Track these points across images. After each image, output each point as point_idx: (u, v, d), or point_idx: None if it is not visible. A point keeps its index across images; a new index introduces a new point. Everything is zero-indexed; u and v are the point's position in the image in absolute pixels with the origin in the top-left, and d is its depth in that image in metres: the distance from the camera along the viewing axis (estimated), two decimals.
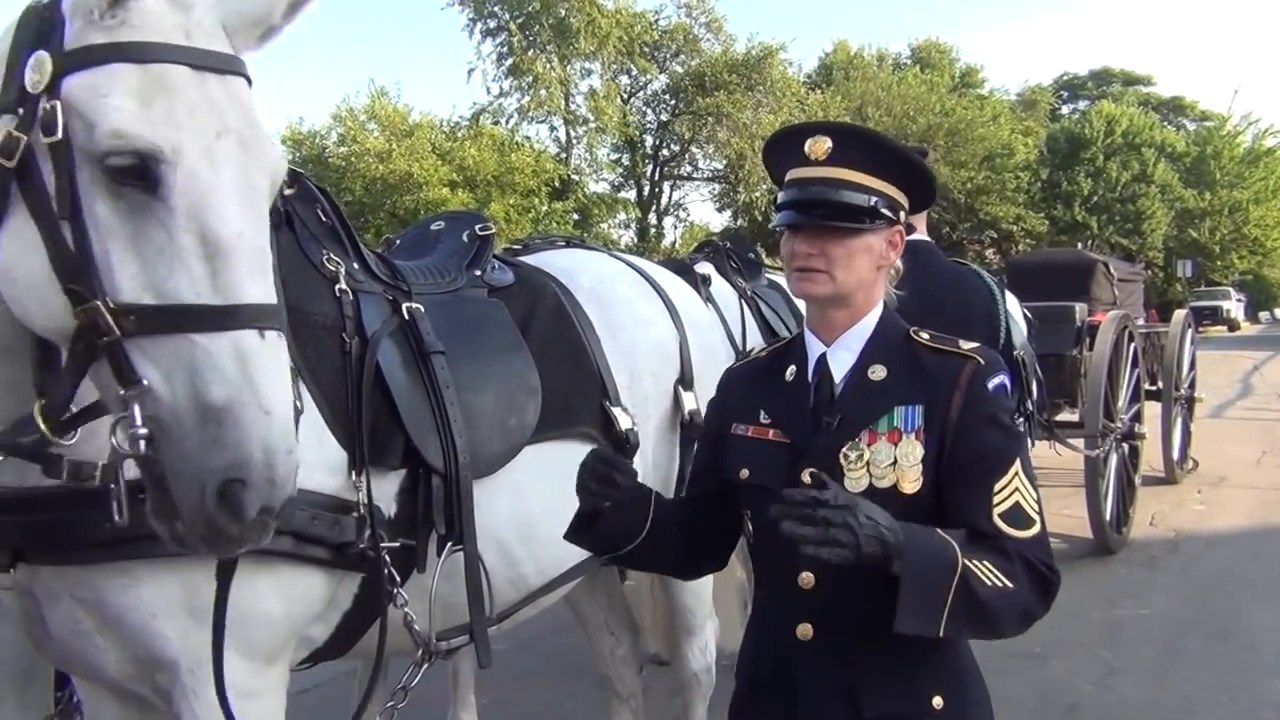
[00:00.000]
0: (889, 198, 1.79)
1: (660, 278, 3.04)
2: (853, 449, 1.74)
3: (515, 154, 26.78)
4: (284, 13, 1.61)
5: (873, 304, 1.84)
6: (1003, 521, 1.67)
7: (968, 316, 3.32)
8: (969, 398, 1.72)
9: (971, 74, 46.47)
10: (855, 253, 1.77)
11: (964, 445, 1.71)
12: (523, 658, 4.93)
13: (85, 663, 1.81)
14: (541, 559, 2.40)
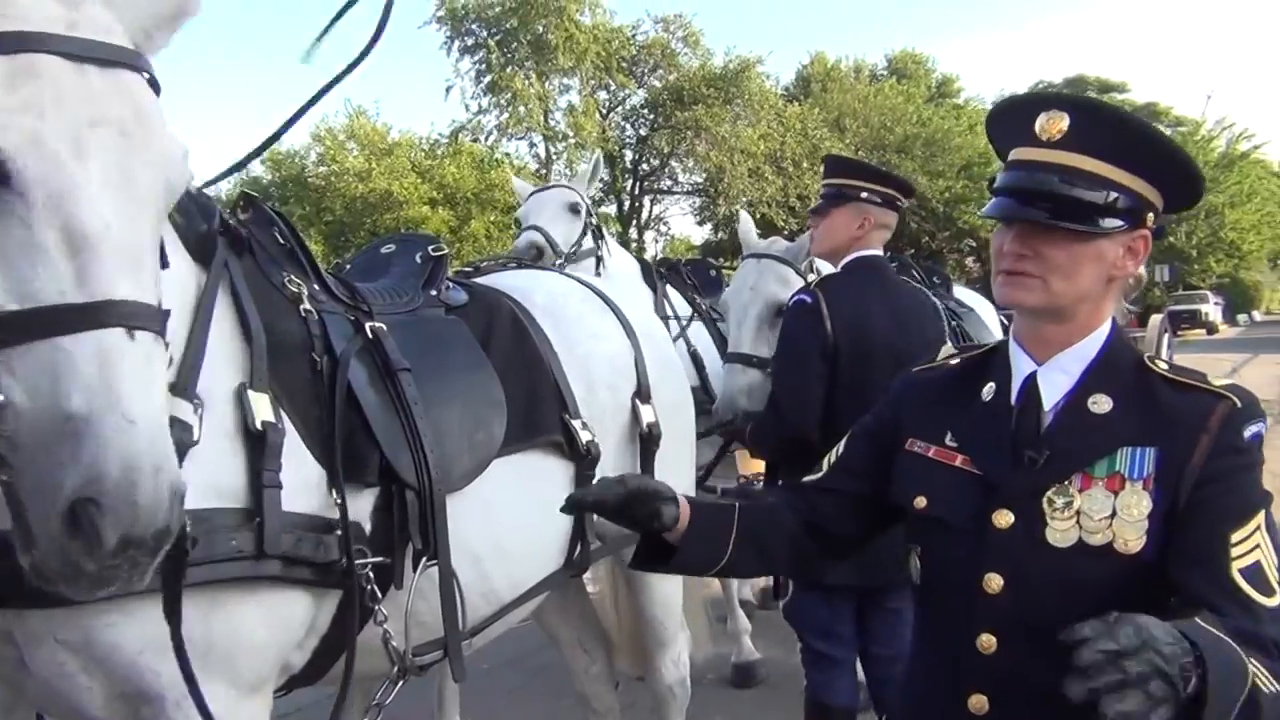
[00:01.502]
0: (1135, 194, 1.48)
1: (613, 294, 3.07)
2: (1060, 494, 1.46)
3: (495, 171, 26.84)
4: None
5: (1100, 320, 1.54)
6: (1243, 579, 1.35)
7: (926, 342, 3.35)
8: (1218, 444, 1.42)
9: (948, 83, 46.84)
10: (1080, 259, 1.48)
11: (1205, 501, 1.40)
12: (507, 676, 4.94)
13: (69, 703, 1.77)
14: (512, 571, 2.42)
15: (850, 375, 3.00)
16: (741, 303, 3.70)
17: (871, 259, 3.21)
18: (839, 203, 3.19)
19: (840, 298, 3.05)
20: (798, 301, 3.13)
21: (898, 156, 35.83)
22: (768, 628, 5.18)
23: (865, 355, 3.02)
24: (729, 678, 4.88)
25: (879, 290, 3.18)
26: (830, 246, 3.23)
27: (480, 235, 25.56)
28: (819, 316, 3.01)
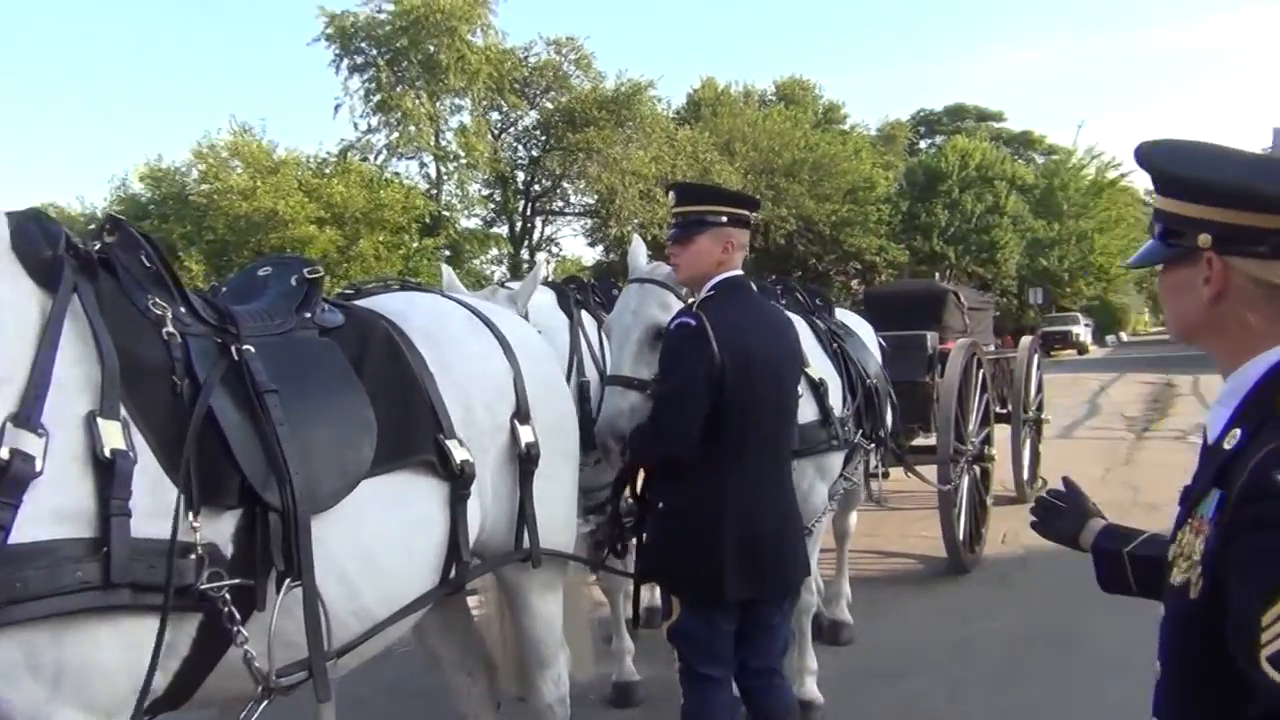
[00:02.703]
0: (1181, 218, 1.48)
1: (494, 315, 3.09)
2: (1182, 534, 1.45)
3: (384, 190, 26.52)
4: None
5: (1247, 351, 1.45)
6: (1272, 667, 1.20)
7: (791, 353, 3.46)
8: (1246, 486, 1.30)
9: (833, 110, 47.97)
10: (1171, 290, 1.52)
11: (1231, 553, 1.30)
12: (385, 701, 4.89)
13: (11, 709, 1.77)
14: (385, 589, 2.42)
15: (737, 392, 3.08)
16: (624, 326, 3.76)
17: (737, 279, 3.30)
18: (700, 229, 3.26)
19: (720, 319, 3.12)
20: (681, 324, 3.17)
21: (786, 180, 36.55)
22: (652, 647, 5.22)
23: (747, 371, 3.11)
24: (609, 697, 4.91)
25: (748, 308, 3.28)
26: (697, 272, 3.29)
27: (369, 255, 25.22)
28: (705, 338, 3.07)
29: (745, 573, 3.11)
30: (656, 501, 3.30)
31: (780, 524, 3.27)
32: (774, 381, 3.24)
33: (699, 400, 3.06)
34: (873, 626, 5.87)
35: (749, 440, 3.15)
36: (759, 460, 3.20)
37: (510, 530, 2.91)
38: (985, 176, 42.62)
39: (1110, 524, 2.03)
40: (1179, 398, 19.72)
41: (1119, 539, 1.94)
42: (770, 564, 3.20)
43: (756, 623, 3.23)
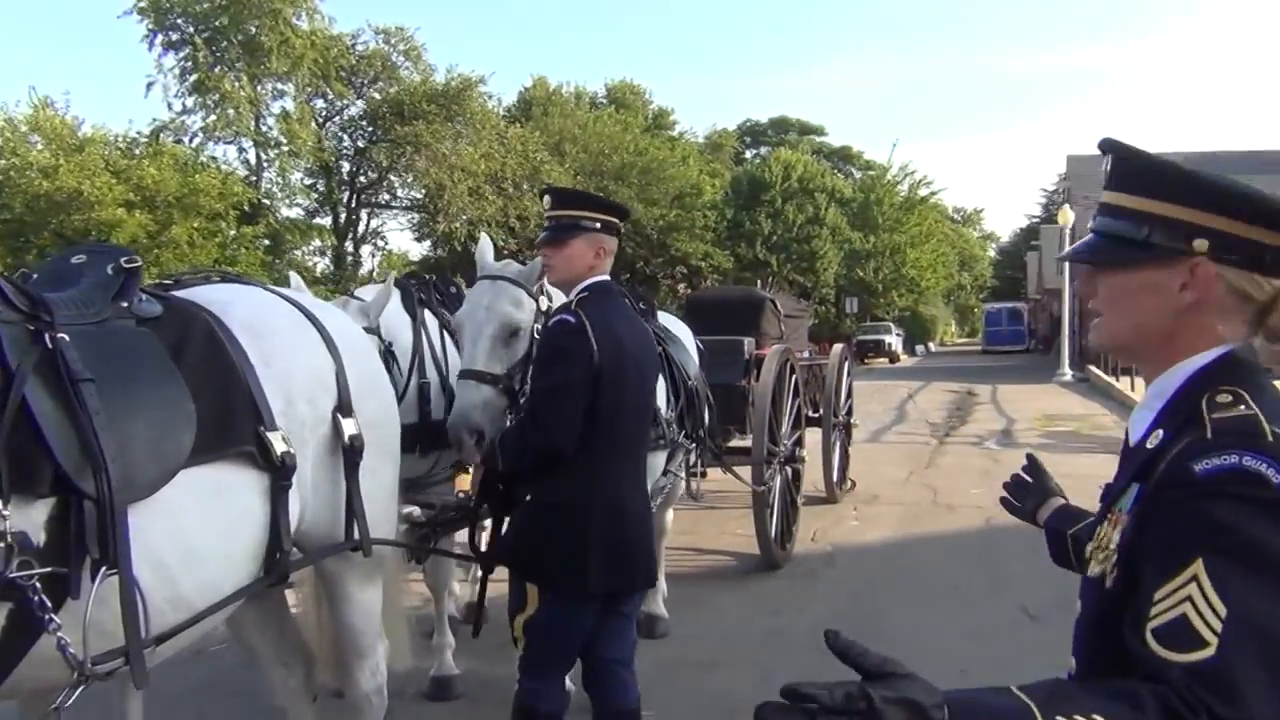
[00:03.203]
0: (1174, 222, 1.42)
1: (317, 310, 3.10)
2: (1101, 530, 1.48)
3: (200, 175, 25.39)
4: None
5: (1179, 354, 1.46)
6: (1155, 640, 1.25)
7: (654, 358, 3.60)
8: (1163, 475, 1.34)
9: (663, 116, 48.76)
10: (1126, 293, 1.48)
11: (1143, 539, 1.35)
12: (197, 700, 4.78)
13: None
14: (203, 578, 2.41)
15: (609, 391, 3.17)
16: (477, 321, 3.79)
17: (606, 283, 3.39)
18: (575, 233, 3.33)
19: (597, 319, 3.20)
20: (561, 321, 3.22)
21: (615, 183, 36.87)
22: (470, 642, 5.25)
23: (621, 371, 3.20)
24: (427, 691, 4.92)
25: (618, 311, 3.37)
26: (570, 275, 3.36)
27: (182, 242, 24.10)
28: (585, 335, 3.14)
29: (612, 566, 3.20)
30: (523, 494, 3.34)
31: (642, 519, 3.39)
32: (640, 382, 3.36)
33: (581, 394, 3.13)
34: (688, 619, 6.05)
35: (617, 438, 3.24)
36: (624, 457, 3.31)
37: (332, 521, 2.92)
38: (807, 188, 44.09)
39: (1065, 505, 2.09)
40: (979, 406, 20.90)
41: (1069, 520, 2.00)
42: (636, 557, 3.31)
43: (614, 614, 3.32)
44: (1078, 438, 14.82)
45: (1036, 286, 53.31)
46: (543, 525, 3.24)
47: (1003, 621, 6.00)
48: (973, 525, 8.78)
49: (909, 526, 8.91)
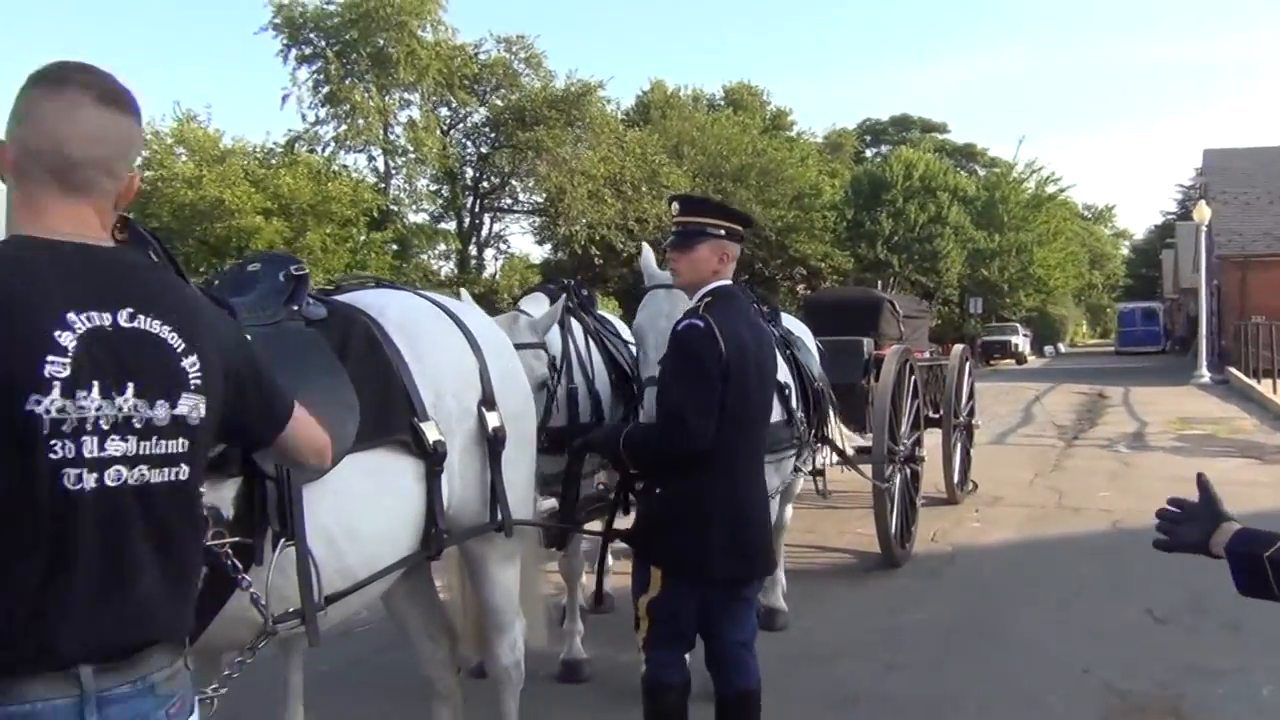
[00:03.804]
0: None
1: (461, 312, 3.36)
2: None
3: (332, 183, 26.36)
4: None
5: None
6: None
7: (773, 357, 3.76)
8: None
9: (781, 116, 48.53)
10: None
11: None
12: (351, 673, 5.14)
13: None
14: (366, 552, 2.67)
15: (735, 390, 3.35)
16: (659, 330, 4.01)
17: (730, 288, 3.56)
18: (701, 239, 3.51)
19: (722, 322, 3.38)
20: (691, 325, 3.38)
21: (733, 185, 36.92)
22: (599, 629, 5.47)
23: (744, 372, 3.38)
24: (557, 674, 5.16)
25: (740, 314, 3.55)
26: (696, 278, 3.54)
27: (316, 248, 25.04)
28: (714, 339, 3.32)
29: (732, 554, 3.39)
30: (653, 486, 3.53)
31: (761, 511, 3.56)
32: (761, 382, 3.52)
33: (716, 396, 3.31)
34: (808, 614, 6.15)
35: (739, 434, 3.40)
36: (745, 453, 3.46)
37: (477, 506, 3.17)
38: (929, 187, 43.37)
39: (1245, 528, 1.97)
40: (1110, 408, 20.35)
41: (1259, 543, 1.90)
42: (755, 546, 3.49)
43: (735, 598, 3.50)
44: (1214, 441, 14.35)
45: (1172, 285, 51.38)
46: (668, 513, 3.43)
47: (1126, 623, 5.93)
48: (1099, 528, 8.66)
49: (1032, 529, 8.81)
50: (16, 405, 1.41)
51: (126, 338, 1.52)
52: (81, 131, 1.58)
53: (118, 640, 1.49)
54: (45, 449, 1.42)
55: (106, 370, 1.48)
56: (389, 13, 28.42)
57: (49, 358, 1.43)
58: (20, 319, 1.43)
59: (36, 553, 1.43)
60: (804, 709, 4.69)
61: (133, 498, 1.52)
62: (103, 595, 1.48)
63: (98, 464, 1.47)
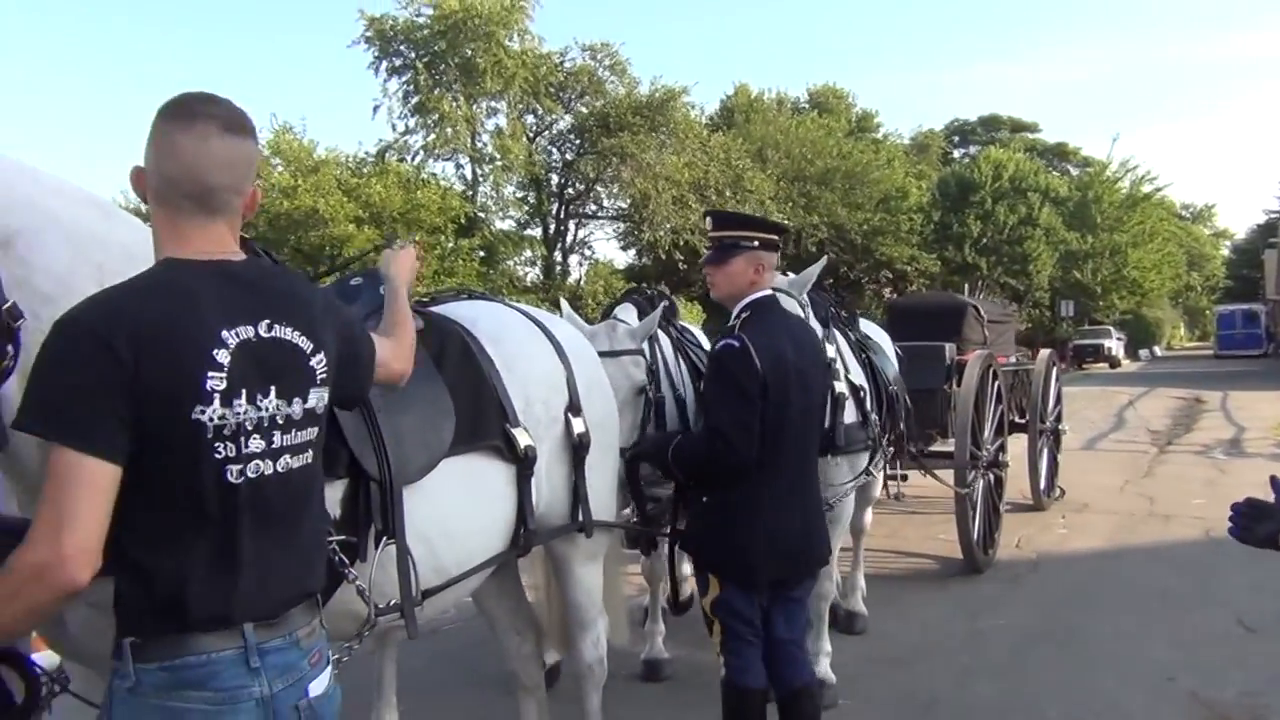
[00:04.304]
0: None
1: (549, 322, 3.54)
2: None
3: (421, 191, 26.90)
4: None
5: None
6: None
7: (817, 360, 3.85)
8: None
9: (867, 119, 48.06)
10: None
11: None
12: (439, 669, 5.35)
13: (95, 652, 2.05)
14: (458, 551, 2.83)
15: (774, 401, 3.47)
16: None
17: (768, 299, 3.68)
18: (735, 253, 3.63)
19: (759, 337, 3.50)
20: (726, 345, 3.53)
21: (818, 188, 36.72)
22: (677, 632, 5.60)
23: (783, 382, 3.49)
24: (639, 673, 5.30)
25: (779, 323, 3.65)
26: (732, 291, 3.67)
27: None
28: (749, 356, 3.44)
29: (776, 558, 3.51)
30: (702, 496, 3.68)
31: (807, 515, 3.65)
32: (803, 389, 3.60)
33: (756, 412, 3.44)
34: (888, 618, 6.20)
35: (782, 443, 3.51)
36: (790, 460, 3.56)
37: (563, 508, 3.33)
38: (1019, 188, 42.56)
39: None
40: (1206, 414, 19.82)
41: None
42: (798, 550, 3.59)
43: (783, 598, 3.61)
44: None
45: (1275, 286, 49.55)
46: (717, 520, 3.57)
47: (1215, 632, 5.86)
48: (1190, 536, 8.50)
49: (1120, 536, 8.70)
50: (185, 414, 1.65)
51: (267, 346, 1.76)
52: (215, 160, 1.78)
53: (270, 603, 1.76)
54: (210, 450, 1.67)
55: (253, 378, 1.72)
56: (477, 24, 28.90)
57: (210, 374, 1.67)
58: (185, 343, 1.66)
59: (207, 534, 1.69)
60: (881, 711, 4.77)
61: (278, 483, 1.77)
62: (258, 566, 1.74)
63: (251, 458, 1.72)
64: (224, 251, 1.80)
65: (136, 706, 1.66)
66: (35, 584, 1.58)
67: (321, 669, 1.86)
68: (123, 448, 1.61)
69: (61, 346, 1.62)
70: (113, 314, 1.64)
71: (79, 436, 1.58)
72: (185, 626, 1.66)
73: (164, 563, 1.66)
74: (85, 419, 1.58)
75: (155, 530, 1.67)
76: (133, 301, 1.67)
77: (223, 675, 1.68)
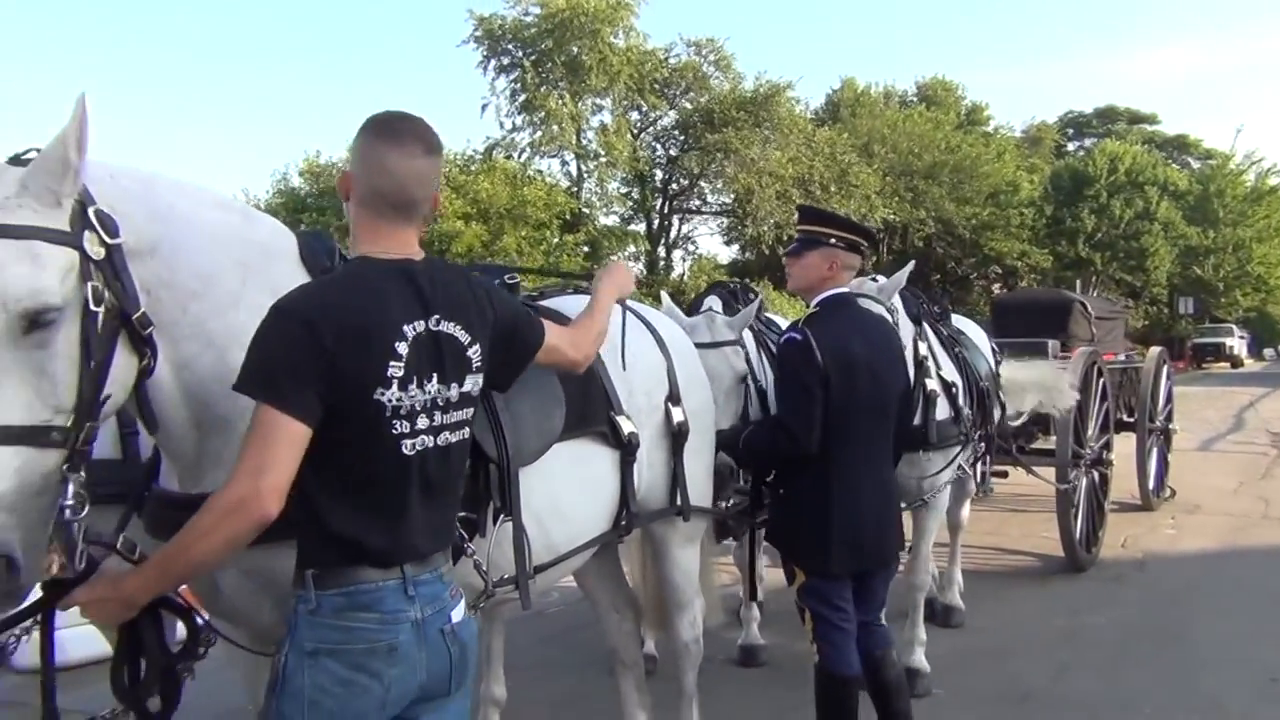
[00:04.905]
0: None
1: (650, 316, 3.71)
2: None
3: (527, 188, 27.35)
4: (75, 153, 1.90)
5: None
6: None
7: (894, 358, 3.91)
8: None
9: (977, 111, 47.15)
10: None
11: None
12: (542, 649, 5.59)
13: (247, 614, 2.35)
14: (567, 530, 3.01)
15: (840, 394, 3.56)
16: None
17: (842, 296, 3.77)
18: (813, 247, 3.75)
19: (824, 331, 3.61)
20: (790, 339, 3.66)
21: (925, 182, 36.23)
22: (771, 620, 5.72)
23: (850, 377, 3.58)
24: (735, 658, 5.45)
25: (852, 320, 3.74)
26: (805, 284, 3.80)
27: (512, 250, 26.07)
28: (810, 350, 3.56)
29: (848, 550, 3.60)
30: (778, 488, 3.82)
31: (878, 508, 3.71)
32: (873, 384, 3.66)
33: (816, 404, 3.54)
34: (986, 613, 6.22)
35: (848, 435, 3.60)
36: (858, 452, 3.64)
37: (662, 492, 3.48)
38: (1136, 181, 41.35)
39: None
40: None
41: None
42: (870, 542, 3.68)
43: (860, 585, 3.72)
44: None
45: None
46: (792, 514, 3.70)
47: None
48: None
49: (1231, 538, 8.51)
50: (370, 395, 1.97)
51: (435, 339, 2.06)
52: (418, 176, 2.09)
53: (423, 547, 2.09)
54: (389, 426, 1.99)
55: (423, 366, 2.03)
56: (583, 21, 29.25)
57: (391, 363, 1.99)
58: (375, 336, 1.98)
59: (381, 492, 2.03)
60: (976, 703, 4.81)
61: (437, 455, 2.09)
62: (417, 519, 2.07)
63: (419, 434, 2.04)
64: (408, 252, 2.10)
65: (317, 625, 1.98)
66: (234, 515, 1.89)
67: (459, 600, 2.16)
68: (316, 414, 1.92)
69: (278, 328, 1.94)
70: (323, 306, 1.96)
71: (283, 400, 1.90)
72: (358, 561, 1.99)
73: (346, 512, 1.99)
74: (290, 387, 1.90)
75: (341, 486, 1.99)
76: (338, 296, 2.00)
77: (387, 600, 2.00)
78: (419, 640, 2.03)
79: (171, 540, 1.97)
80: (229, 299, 2.20)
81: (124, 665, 2.21)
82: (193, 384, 2.18)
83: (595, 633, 5.50)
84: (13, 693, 5.20)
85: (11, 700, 5.13)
